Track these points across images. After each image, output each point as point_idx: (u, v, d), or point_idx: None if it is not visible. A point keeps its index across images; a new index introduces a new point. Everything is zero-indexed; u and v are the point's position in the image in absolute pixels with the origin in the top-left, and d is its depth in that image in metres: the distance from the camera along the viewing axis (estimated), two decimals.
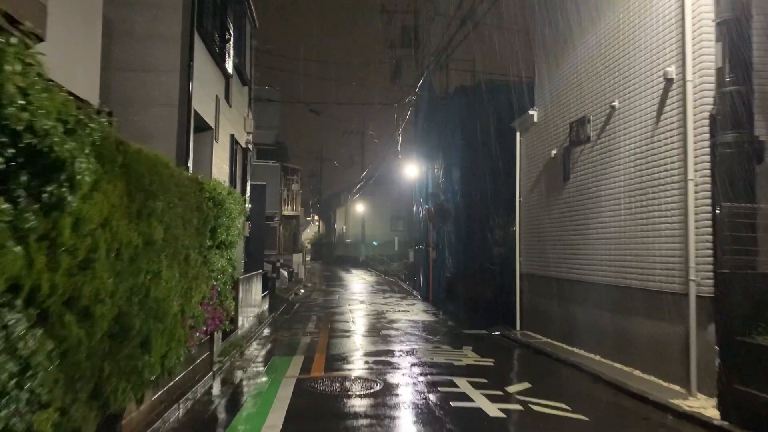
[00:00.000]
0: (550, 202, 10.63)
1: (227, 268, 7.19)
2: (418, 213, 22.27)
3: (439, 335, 11.48)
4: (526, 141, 11.97)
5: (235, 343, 9.49)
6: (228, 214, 6.87)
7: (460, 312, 16.08)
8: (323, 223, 61.60)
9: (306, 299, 19.26)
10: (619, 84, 8.38)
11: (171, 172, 5.05)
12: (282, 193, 27.82)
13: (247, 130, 13.60)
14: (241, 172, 12.90)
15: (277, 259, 24.30)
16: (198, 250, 5.88)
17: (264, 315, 13.77)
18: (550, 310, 10.66)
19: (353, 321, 13.50)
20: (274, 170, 20.45)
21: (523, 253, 11.91)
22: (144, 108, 8.45)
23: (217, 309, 6.90)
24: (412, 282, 22.81)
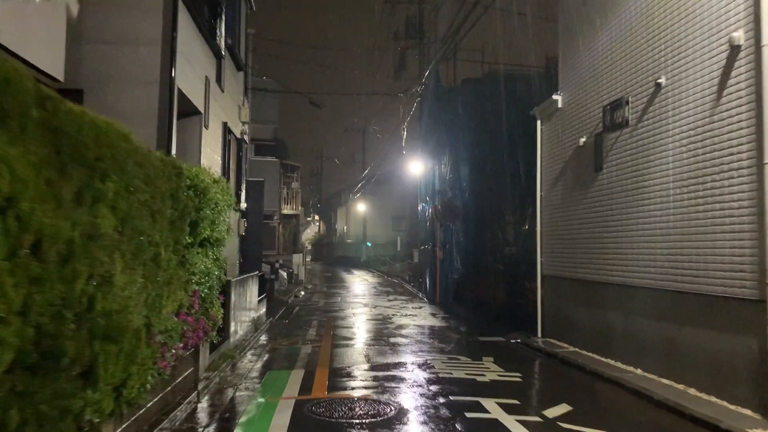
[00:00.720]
0: (578, 195, 9.48)
1: (213, 271, 6.05)
2: (424, 211, 21.14)
3: (453, 343, 10.33)
4: (548, 129, 10.82)
5: (226, 354, 8.35)
6: (213, 205, 5.73)
7: (471, 316, 14.93)
8: (324, 223, 60.46)
9: (306, 302, 18.11)
10: (666, 58, 7.23)
11: (132, 147, 3.91)
12: (281, 191, 26.69)
13: (243, 120, 12.47)
14: (235, 164, 11.76)
15: (276, 259, 23.16)
16: (173, 249, 4.73)
17: (261, 320, 12.62)
18: (577, 316, 9.52)
19: (357, 327, 12.35)
20: (273, 166, 19.33)
21: (545, 253, 10.76)
22: (120, 86, 7.32)
23: (200, 319, 5.76)
24: (417, 283, 21.67)
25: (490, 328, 12.33)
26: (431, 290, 18.86)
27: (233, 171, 11.57)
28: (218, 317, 6.33)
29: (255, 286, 11.98)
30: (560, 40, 10.44)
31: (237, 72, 12.05)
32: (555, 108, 10.37)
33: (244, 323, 10.46)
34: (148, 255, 4.11)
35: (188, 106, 8.53)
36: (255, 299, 11.98)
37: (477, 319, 14.21)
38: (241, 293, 9.97)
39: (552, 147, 10.61)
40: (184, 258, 5.18)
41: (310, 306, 16.87)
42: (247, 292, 10.72)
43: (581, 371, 8.02)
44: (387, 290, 22.81)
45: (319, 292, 21.71)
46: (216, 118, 9.98)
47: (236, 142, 11.85)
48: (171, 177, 4.86)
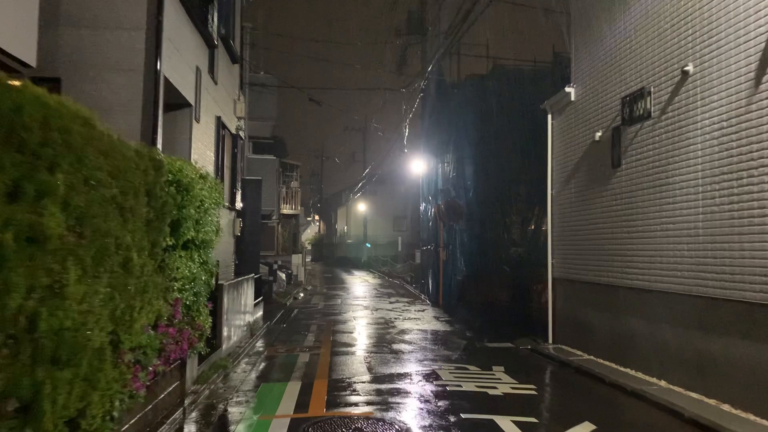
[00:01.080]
0: (594, 194, 8.89)
1: (199, 275, 5.45)
2: (426, 211, 20.54)
3: (460, 350, 9.73)
4: (560, 124, 10.22)
5: (217, 363, 7.75)
6: (197, 203, 5.13)
7: (476, 320, 14.33)
8: (324, 223, 59.88)
9: (305, 304, 17.51)
10: (694, 43, 6.63)
11: (94, 133, 3.31)
12: (280, 190, 26.09)
13: (238, 115, 11.88)
14: (230, 161, 11.17)
15: (274, 260, 22.57)
16: (149, 252, 4.14)
17: (257, 324, 12.03)
18: (591, 322, 8.92)
19: (358, 332, 11.75)
20: (271, 164, 18.72)
21: (557, 255, 10.16)
22: (101, 74, 6.73)
23: (184, 329, 5.16)
24: (419, 285, 21.07)
25: (497, 333, 11.73)
26: (434, 292, 18.27)
27: (228, 168, 10.98)
28: (206, 326, 5.74)
29: (251, 289, 11.39)
30: (573, 29, 9.84)
31: (232, 65, 11.45)
32: (567, 101, 9.77)
33: (239, 329, 9.87)
34: (116, 260, 3.52)
35: (177, 98, 7.93)
36: (251, 303, 11.39)
37: (482, 323, 13.61)
38: (234, 297, 9.38)
39: (564, 143, 10.01)
40: (164, 262, 4.58)
41: (310, 309, 16.28)
42: (241, 295, 10.13)
43: (600, 383, 7.42)
44: (388, 292, 22.21)
45: (318, 294, 21.12)
46: (208, 111, 9.39)
47: (231, 138, 11.25)
48: (148, 171, 4.26)
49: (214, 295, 8.10)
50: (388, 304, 17.64)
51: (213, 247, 5.94)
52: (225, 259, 10.91)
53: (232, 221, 11.67)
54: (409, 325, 12.80)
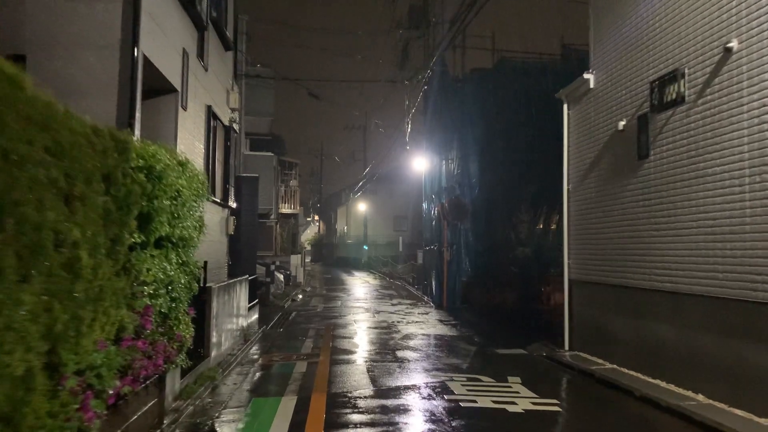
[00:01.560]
0: (617, 188, 8.12)
1: (177, 278, 4.68)
2: (429, 210, 19.78)
3: (470, 358, 8.96)
4: (577, 114, 9.45)
5: (205, 375, 6.98)
6: (173, 194, 4.37)
7: (483, 323, 13.57)
8: (323, 223, 59.11)
9: (304, 307, 16.74)
10: (739, 16, 5.87)
11: (20, 96, 2.55)
12: (279, 189, 25.33)
13: (232, 106, 11.11)
14: (222, 155, 10.40)
15: (272, 261, 21.81)
16: (107, 250, 3.37)
17: (252, 329, 11.26)
18: (614, 328, 8.16)
19: (360, 337, 10.98)
20: (269, 162, 17.95)
21: (573, 255, 9.39)
22: (72, 51, 5.97)
23: (158, 341, 4.40)
24: (422, 286, 20.30)
25: (507, 338, 10.97)
26: (437, 294, 17.50)
27: (220, 162, 10.21)
28: (187, 336, 4.97)
29: (245, 291, 10.62)
30: (592, 10, 9.06)
31: (224, 52, 10.68)
32: (586, 89, 9.01)
33: (231, 334, 9.11)
34: (57, 260, 2.75)
35: (160, 82, 7.18)
36: (244, 306, 10.63)
37: (490, 327, 12.85)
38: (226, 301, 8.61)
39: (582, 134, 9.24)
40: (130, 263, 3.82)
41: (308, 312, 15.51)
42: (233, 299, 9.36)
43: (629, 396, 6.65)
44: (390, 293, 21.44)
45: (318, 296, 20.35)
46: (198, 99, 8.63)
47: (223, 130, 10.49)
48: (108, 152, 3.50)
49: (202, 300, 7.34)
50: (390, 306, 16.88)
51: (195, 246, 5.17)
52: (217, 260, 10.15)
53: (225, 219, 10.91)
54: (413, 329, 12.03)
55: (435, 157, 19.45)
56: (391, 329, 11.96)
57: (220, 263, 10.31)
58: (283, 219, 26.30)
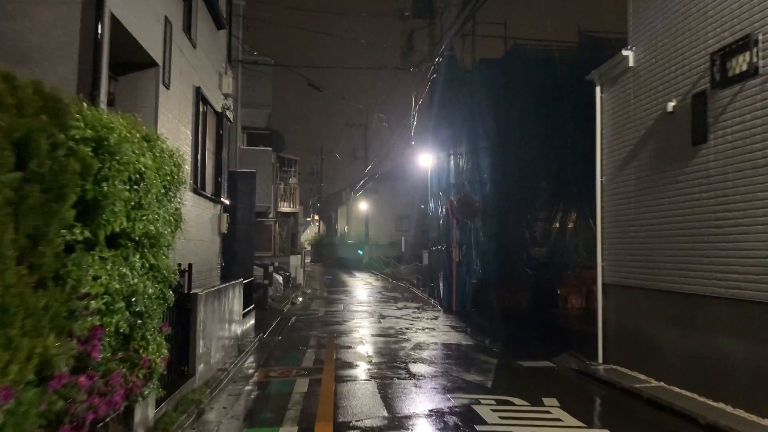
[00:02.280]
0: (664, 179, 7.04)
1: (143, 287, 3.58)
2: (436, 208, 18.69)
3: (492, 372, 7.87)
4: (612, 98, 8.35)
5: (188, 398, 5.87)
6: (133, 176, 3.27)
7: (497, 329, 12.48)
8: (324, 223, 57.99)
9: (304, 311, 15.64)
10: None
11: None
12: (278, 186, 24.24)
13: (225, 92, 10.01)
14: (213, 144, 9.30)
15: (271, 262, 20.71)
16: (21, 251, 2.27)
17: (247, 337, 10.16)
18: (658, 339, 7.08)
19: (366, 346, 9.88)
20: (267, 157, 16.84)
21: (608, 256, 8.30)
22: (23, 7, 4.87)
23: (114, 372, 3.30)
24: (428, 289, 19.20)
25: (528, 348, 9.89)
26: (446, 297, 16.40)
27: (211, 152, 9.11)
28: (158, 361, 3.87)
29: (239, 295, 9.52)
30: None
31: (216, 31, 9.58)
32: (624, 68, 7.92)
33: (223, 345, 8.01)
34: None
35: (137, 53, 6.08)
36: (239, 312, 9.53)
37: (507, 334, 11.75)
38: (216, 309, 7.51)
39: (618, 119, 8.15)
40: (66, 269, 2.72)
41: (309, 316, 14.41)
42: (226, 305, 8.26)
43: (692, 423, 5.57)
44: (394, 296, 20.34)
45: (318, 299, 19.25)
46: (184, 78, 7.53)
47: (215, 117, 9.38)
48: (25, 110, 2.40)
49: (185, 309, 6.25)
50: (396, 310, 15.78)
51: (169, 246, 4.07)
52: (208, 261, 9.06)
53: (217, 216, 9.81)
54: (424, 337, 10.93)
55: (442, 153, 18.35)
56: (399, 337, 10.87)
57: (210, 265, 9.21)
58: (282, 218, 25.21)
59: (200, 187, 8.44)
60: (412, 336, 10.99)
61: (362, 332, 11.52)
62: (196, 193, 8.16)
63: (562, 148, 15.00)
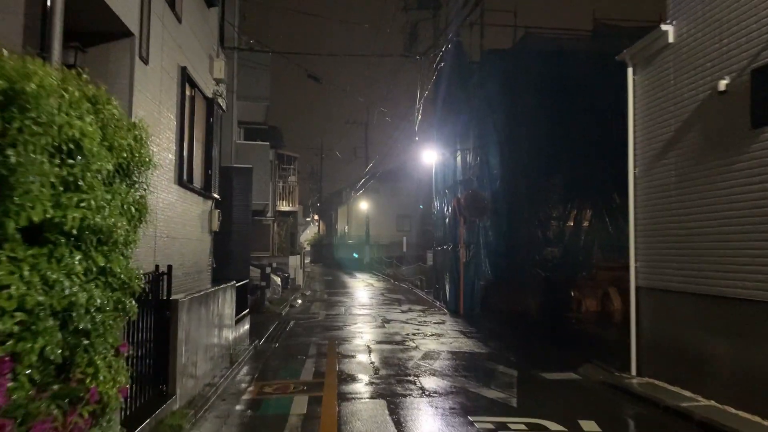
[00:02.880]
0: (712, 168, 6.13)
1: (86, 297, 2.66)
2: (441, 207, 17.80)
3: (515, 387, 6.95)
4: (647, 79, 7.44)
5: (167, 423, 4.96)
6: (62, 141, 2.36)
7: (510, 335, 11.58)
8: (323, 223, 57.09)
9: (304, 315, 14.73)
10: None
11: None
12: (277, 184, 23.33)
13: (216, 77, 9.10)
14: (202, 132, 8.39)
15: (269, 262, 19.80)
16: None
17: (241, 345, 9.25)
18: (705, 350, 6.17)
19: (371, 356, 8.97)
20: (264, 152, 15.95)
21: (642, 256, 7.39)
22: None
23: (38, 418, 2.38)
24: (433, 290, 18.29)
25: (547, 357, 9.01)
26: (452, 299, 15.50)
27: (199, 141, 8.19)
28: (110, 393, 2.96)
29: (231, 299, 8.61)
30: None
31: (206, 8, 8.67)
32: (662, 45, 7.01)
33: (211, 357, 7.10)
34: None
35: (108, 20, 5.16)
36: (231, 317, 8.62)
37: (521, 341, 10.85)
38: (202, 316, 6.59)
39: (655, 103, 7.24)
40: None
41: (308, 320, 13.49)
42: (215, 311, 7.35)
43: None
44: (397, 298, 19.43)
45: (318, 301, 18.33)
46: (167, 56, 6.61)
47: (205, 103, 8.47)
48: None
49: (164, 318, 5.34)
50: (401, 313, 14.87)
51: (130, 243, 3.15)
52: (196, 262, 8.15)
53: (208, 213, 8.90)
54: (433, 344, 10.02)
55: (447, 149, 17.47)
56: (406, 344, 9.96)
57: (200, 266, 8.31)
58: (280, 217, 24.29)
59: (187, 180, 7.54)
60: (420, 343, 10.08)
61: (366, 338, 10.62)
62: (182, 185, 7.26)
63: (576, 141, 14.08)
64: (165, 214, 6.61)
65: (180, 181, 7.14)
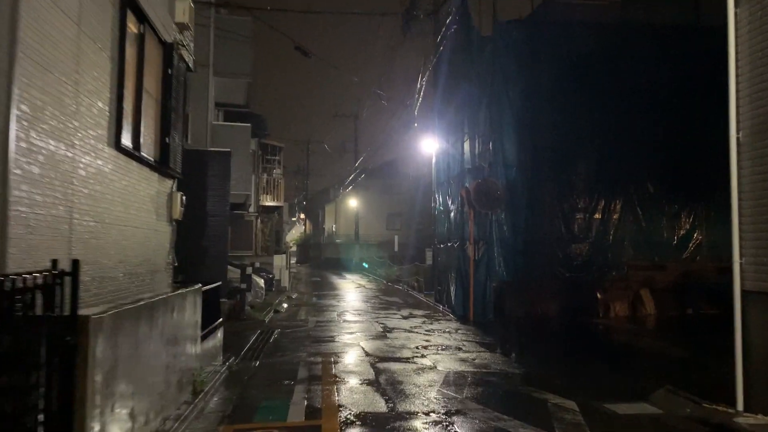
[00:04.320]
0: None
1: None
2: (445, 200, 15.78)
3: (579, 426, 4.96)
4: (758, 11, 5.49)
5: None
6: None
7: (535, 346, 9.63)
8: (310, 222, 54.89)
9: (290, 322, 12.62)
10: None
11: None
12: (260, 177, 21.20)
13: (180, 20, 6.99)
14: (157, 87, 6.25)
15: (251, 262, 17.66)
16: None
17: (210, 366, 7.13)
18: None
19: (378, 378, 6.92)
20: (244, 135, 13.73)
21: (752, 250, 5.43)
22: None
23: None
24: (435, 293, 16.24)
25: (599, 379, 7.06)
26: (459, 303, 13.48)
27: (152, 97, 6.04)
28: None
29: (195, 308, 6.49)
30: None
31: None
32: None
33: (159, 393, 4.99)
34: None
35: None
36: (195, 331, 6.50)
37: (555, 355, 8.90)
38: (142, 338, 4.47)
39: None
40: None
41: (296, 329, 11.40)
42: (166, 327, 5.22)
43: None
44: (394, 301, 17.38)
45: (307, 305, 16.21)
46: None
47: (161, 49, 6.34)
48: None
49: (68, 347, 3.24)
50: (402, 320, 12.83)
51: None
52: (148, 259, 6.04)
53: (166, 195, 6.79)
54: (452, 362, 8.00)
55: (452, 135, 15.46)
56: (418, 362, 7.93)
57: (152, 265, 6.18)
58: (264, 213, 22.15)
59: (133, 146, 5.43)
60: (436, 360, 8.06)
61: (367, 353, 8.56)
62: (122, 151, 5.15)
63: (604, 123, 12.18)
64: (90, 188, 4.50)
65: (118, 145, 5.04)
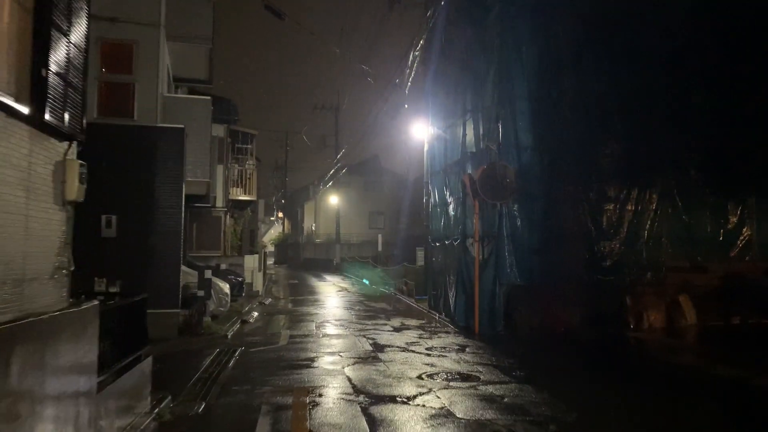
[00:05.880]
0: None
1: None
2: (442, 191, 13.52)
3: None
4: None
5: None
6: None
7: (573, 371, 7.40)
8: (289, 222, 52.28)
9: (258, 337, 10.22)
10: None
11: None
12: (231, 168, 18.71)
13: None
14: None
15: (218, 263, 15.19)
16: None
17: (126, 422, 4.71)
18: None
19: None
20: (203, 109, 11.16)
21: None
22: None
23: None
24: (430, 298, 13.94)
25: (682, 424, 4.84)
26: (461, 311, 11.23)
27: (18, 4, 3.65)
28: None
29: (85, 340, 4.07)
30: None
31: None
32: None
33: None
34: None
35: None
36: (89, 375, 4.10)
37: (599, 388, 6.68)
38: None
39: None
40: None
41: (264, 348, 9.01)
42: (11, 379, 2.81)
43: None
44: (381, 308, 15.06)
45: (280, 313, 13.80)
46: None
47: None
48: None
49: None
50: (394, 332, 10.52)
51: None
52: (12, 261, 3.61)
53: (53, 164, 4.33)
54: (471, 402, 5.70)
55: (449, 117, 13.22)
56: (427, 404, 5.62)
57: (21, 270, 3.73)
58: (235, 209, 19.65)
59: None
60: (450, 399, 5.76)
61: (355, 388, 6.23)
62: None
63: (638, 93, 10.02)
64: None
65: None
